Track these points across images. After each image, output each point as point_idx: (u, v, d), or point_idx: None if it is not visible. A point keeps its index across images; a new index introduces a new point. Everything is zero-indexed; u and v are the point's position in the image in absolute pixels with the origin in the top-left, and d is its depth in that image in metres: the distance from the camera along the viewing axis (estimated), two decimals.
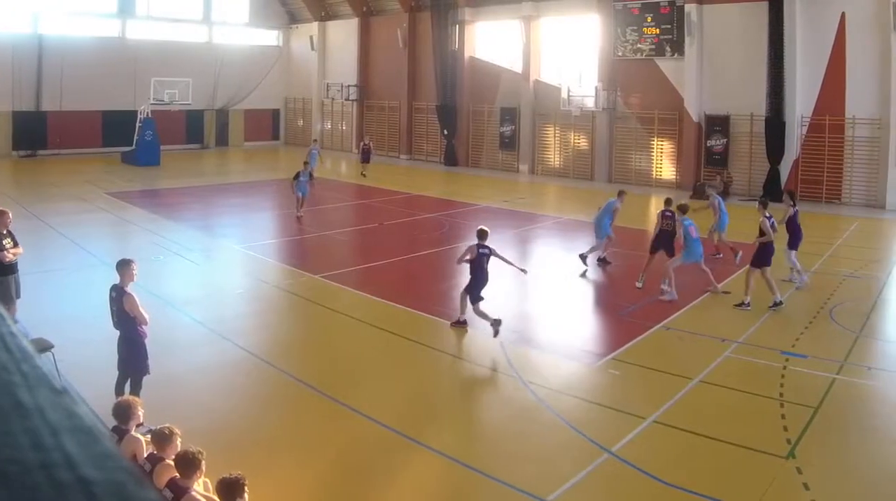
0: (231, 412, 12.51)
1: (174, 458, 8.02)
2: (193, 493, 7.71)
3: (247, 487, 7.58)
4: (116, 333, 12.02)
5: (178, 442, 8.37)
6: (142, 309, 11.74)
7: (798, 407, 12.72)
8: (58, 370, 10.56)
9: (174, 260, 23.70)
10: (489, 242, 17.08)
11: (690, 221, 20.02)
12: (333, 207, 35.93)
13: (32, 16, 52.79)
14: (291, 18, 67.52)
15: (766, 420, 12.33)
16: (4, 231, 14.90)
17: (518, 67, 50.64)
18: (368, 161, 45.41)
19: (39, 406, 1.15)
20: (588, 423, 12.23)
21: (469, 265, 16.89)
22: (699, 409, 12.88)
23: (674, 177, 43.33)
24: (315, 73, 64.75)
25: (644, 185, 43.13)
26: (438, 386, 14.41)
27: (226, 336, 16.19)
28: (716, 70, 41.32)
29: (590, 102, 45.38)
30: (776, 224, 19.57)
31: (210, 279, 22.29)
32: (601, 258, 23.97)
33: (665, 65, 43.42)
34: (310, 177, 31.08)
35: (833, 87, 37.33)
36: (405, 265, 24.47)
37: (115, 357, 11.99)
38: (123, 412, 9.05)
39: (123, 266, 11.86)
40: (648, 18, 43.71)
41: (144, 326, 11.89)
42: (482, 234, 17.23)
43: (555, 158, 49.77)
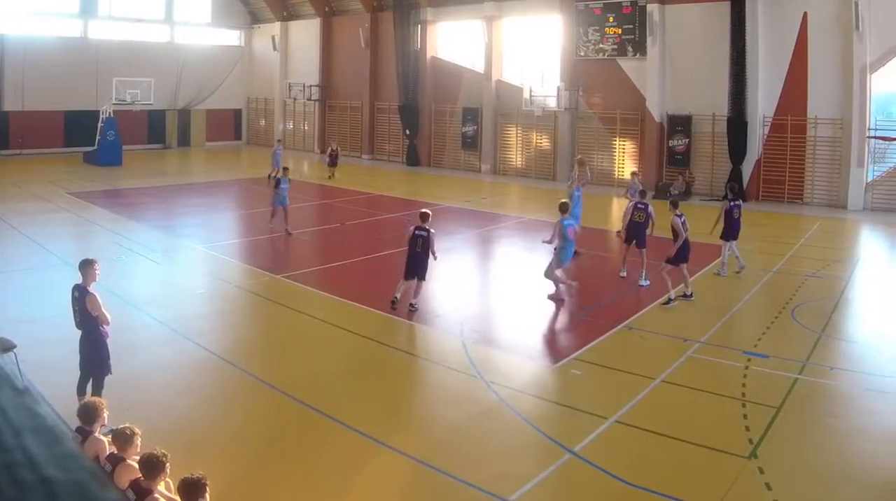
0: (192, 411, 12.40)
1: (139, 460, 7.88)
2: (157, 495, 7.64)
3: (208, 487, 7.48)
4: (79, 333, 11.90)
5: (139, 442, 8.31)
6: (104, 309, 11.69)
7: (760, 407, 12.59)
8: (20, 370, 10.21)
9: (136, 261, 23.30)
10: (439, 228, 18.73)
11: (571, 222, 19.50)
12: (295, 207, 33.66)
13: None
14: (253, 18, 66.30)
15: (728, 420, 12.21)
16: None
17: (480, 67, 49.68)
18: (335, 165, 43.91)
19: (1, 406, 1.38)
20: (550, 423, 12.14)
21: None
22: (661, 409, 12.72)
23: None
24: (277, 73, 63.57)
25: (606, 186, 42.25)
26: (400, 386, 14.15)
27: (187, 335, 15.98)
28: (678, 70, 40.57)
29: (552, 102, 44.53)
30: (687, 222, 19.37)
31: (172, 279, 21.90)
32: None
33: (627, 65, 42.60)
34: (277, 182, 27.53)
35: (795, 87, 36.72)
36: (367, 265, 24.04)
37: (78, 356, 11.88)
38: (89, 413, 8.88)
39: (86, 266, 11.80)
40: (610, 18, 42.86)
41: (106, 326, 11.80)
42: (423, 216, 18.26)
43: (517, 158, 48.82)
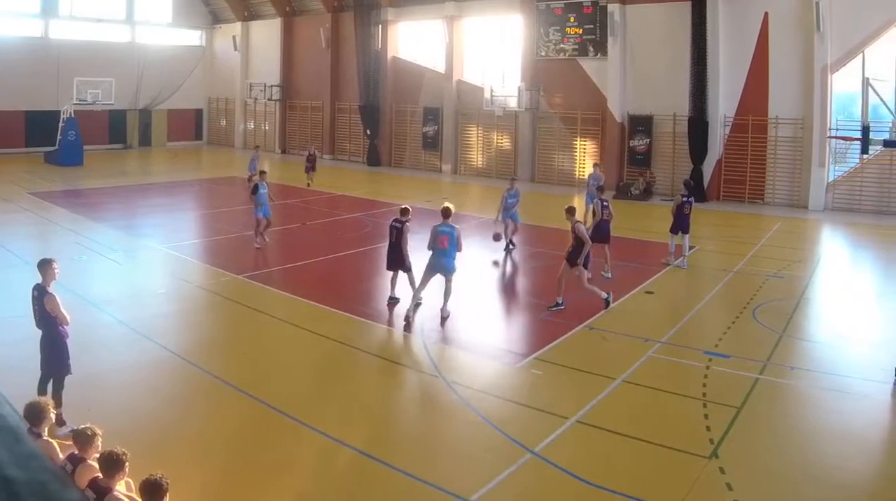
0: (153, 411, 12.06)
1: (98, 458, 7.70)
2: (116, 493, 7.44)
3: (168, 488, 7.26)
4: (39, 333, 11.60)
5: (99, 443, 7.96)
6: (63, 309, 11.39)
7: (721, 407, 12.38)
8: None
9: (97, 260, 22.68)
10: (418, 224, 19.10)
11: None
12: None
13: None
14: (214, 18, 64.62)
15: (690, 420, 12.01)
16: None
17: (441, 67, 48.52)
18: (314, 169, 40.28)
19: None
20: (511, 423, 11.84)
21: None
22: (622, 409, 12.50)
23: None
24: (238, 73, 61.87)
25: (567, 185, 41.72)
26: (362, 386, 13.77)
27: (148, 335, 15.61)
28: (639, 70, 39.70)
29: (513, 102, 43.54)
30: (586, 228, 18.99)
31: (132, 279, 21.36)
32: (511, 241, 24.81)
33: (588, 65, 41.66)
34: (254, 188, 24.59)
35: (756, 87, 36.03)
36: (328, 265, 23.42)
37: (38, 356, 11.54)
38: (35, 414, 8.41)
39: (45, 265, 11.58)
40: (571, 18, 41.91)
41: (66, 326, 11.51)
42: (403, 211, 18.63)
43: (478, 158, 47.79)
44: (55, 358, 11.39)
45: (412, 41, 51.28)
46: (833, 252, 28.03)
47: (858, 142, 26.15)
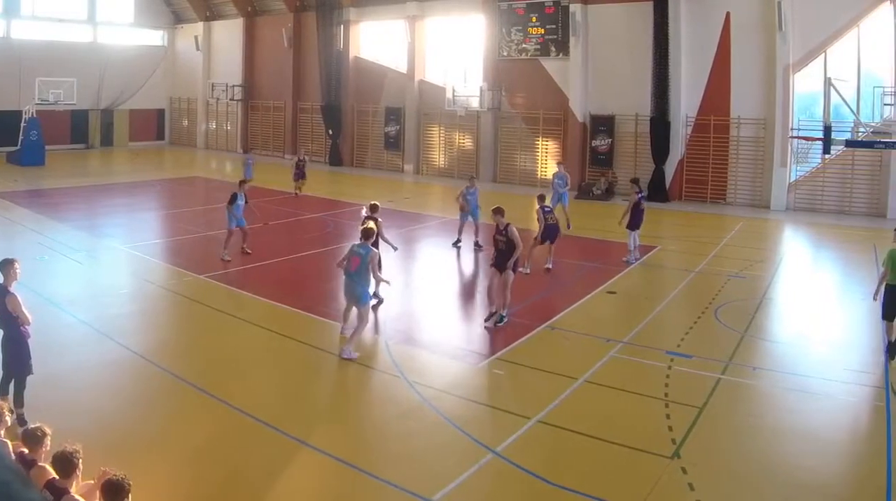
0: (115, 411, 11.79)
1: (52, 459, 7.43)
2: (73, 495, 7.20)
3: (131, 488, 6.96)
4: (0, 333, 11.43)
5: (48, 443, 7.78)
6: (24, 309, 11.23)
7: (683, 407, 12.16)
8: None
9: (58, 260, 22.07)
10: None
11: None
12: (218, 207, 32.23)
13: None
14: (176, 18, 63.02)
15: (651, 420, 11.79)
16: None
17: (403, 67, 47.34)
18: (304, 177, 36.33)
19: None
20: (472, 423, 11.64)
21: None
22: (584, 409, 12.26)
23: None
24: (200, 73, 60.46)
25: (529, 185, 40.62)
26: (323, 386, 13.61)
27: (110, 335, 15.26)
28: (601, 70, 38.81)
29: (475, 102, 42.56)
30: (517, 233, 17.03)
31: (94, 279, 20.79)
32: (476, 242, 24.65)
33: (550, 65, 40.66)
34: (233, 198, 22.79)
35: (718, 87, 35.33)
36: (289, 265, 22.81)
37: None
38: None
39: (6, 265, 11.40)
40: (533, 18, 40.88)
41: (27, 326, 11.33)
42: (372, 208, 18.78)
43: (440, 158, 46.66)
44: (16, 359, 11.21)
45: (374, 41, 50.10)
46: (795, 252, 27.48)
47: (820, 142, 25.85)
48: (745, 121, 34.88)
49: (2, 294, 11.08)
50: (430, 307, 18.96)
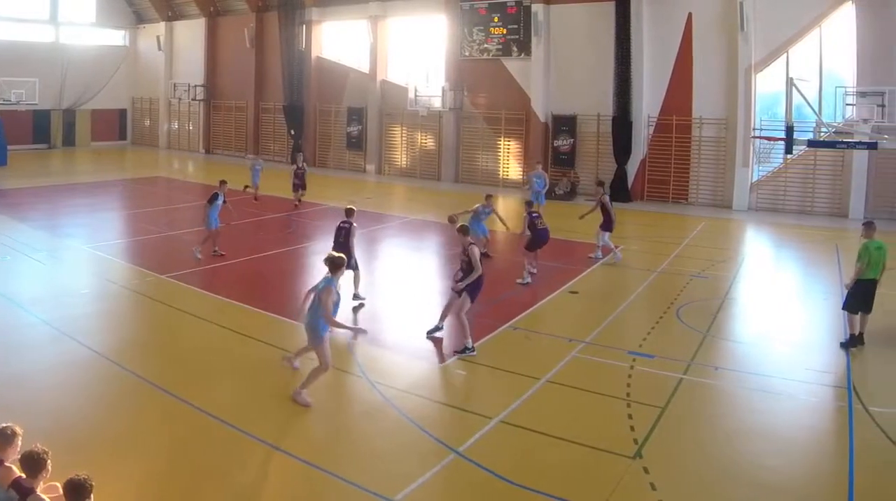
0: (77, 411, 11.54)
1: (20, 458, 7.42)
2: (39, 494, 7.22)
3: (93, 488, 6.95)
4: None
5: (20, 443, 7.62)
6: None
7: (645, 407, 11.97)
8: None
9: (20, 260, 21.67)
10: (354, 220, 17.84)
11: None
12: (180, 207, 32.85)
13: None
14: (138, 18, 61.16)
15: (614, 420, 11.62)
16: None
17: (365, 67, 45.93)
18: (304, 187, 32.95)
19: None
20: (435, 423, 11.46)
21: None
22: (546, 409, 12.05)
23: (521, 177, 39.24)
24: (162, 73, 58.69)
25: (491, 185, 39.47)
26: (285, 387, 12.75)
27: (72, 335, 14.94)
28: (563, 70, 37.81)
29: (437, 102, 41.46)
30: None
31: (56, 279, 20.29)
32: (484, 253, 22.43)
33: (512, 65, 39.61)
34: (213, 197, 22.16)
35: (680, 87, 34.49)
36: (251, 265, 22.18)
37: None
38: None
39: None
40: (495, 18, 39.78)
41: None
42: (348, 212, 18.04)
43: (402, 158, 45.34)
44: None
45: (336, 41, 48.68)
46: (757, 252, 26.88)
47: (782, 142, 25.40)
48: (707, 121, 34.08)
49: None
50: (393, 307, 18.50)
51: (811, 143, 25.70)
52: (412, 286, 20.83)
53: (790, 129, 23.64)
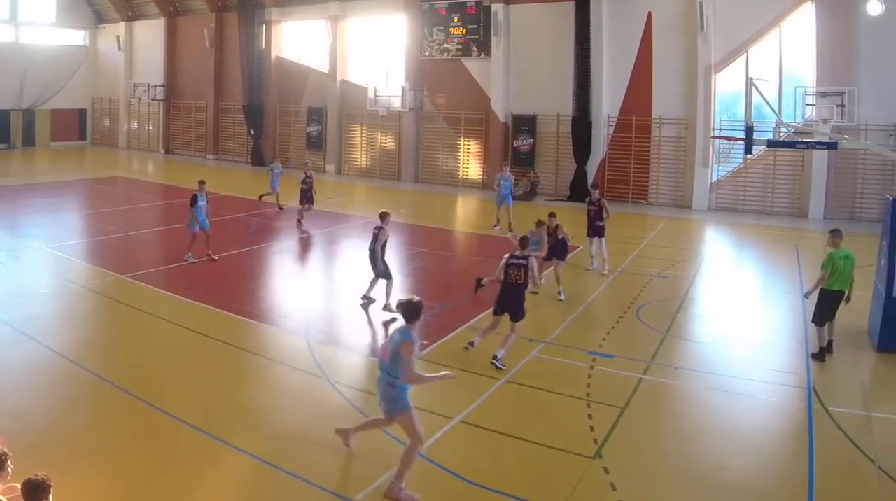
0: (36, 411, 11.22)
1: None
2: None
3: (52, 488, 6.41)
4: None
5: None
6: None
7: (605, 407, 11.71)
8: None
9: None
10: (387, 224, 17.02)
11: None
12: (141, 207, 32.10)
13: None
14: (98, 18, 58.80)
15: (573, 420, 11.36)
16: None
17: (325, 67, 44.39)
18: (312, 202, 28.07)
19: None
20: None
21: None
22: (506, 409, 11.79)
23: (480, 177, 38.46)
24: (122, 74, 56.38)
25: (451, 185, 38.75)
26: (246, 386, 12.70)
27: (31, 335, 14.54)
28: (523, 70, 36.60)
29: (397, 102, 40.17)
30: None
31: (16, 279, 19.70)
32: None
33: (472, 65, 38.30)
34: (194, 199, 21.28)
35: (640, 87, 33.42)
36: (211, 265, 21.21)
37: None
38: None
39: None
40: (455, 18, 38.42)
41: None
42: (381, 216, 17.20)
43: (362, 158, 43.80)
44: None
45: (296, 41, 47.15)
46: (716, 252, 26.25)
47: (742, 142, 24.88)
48: (667, 121, 33.06)
49: None
50: (354, 307, 17.79)
51: (771, 143, 25.19)
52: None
53: (750, 129, 22.94)
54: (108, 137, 59.29)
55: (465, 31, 38.70)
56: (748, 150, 24.91)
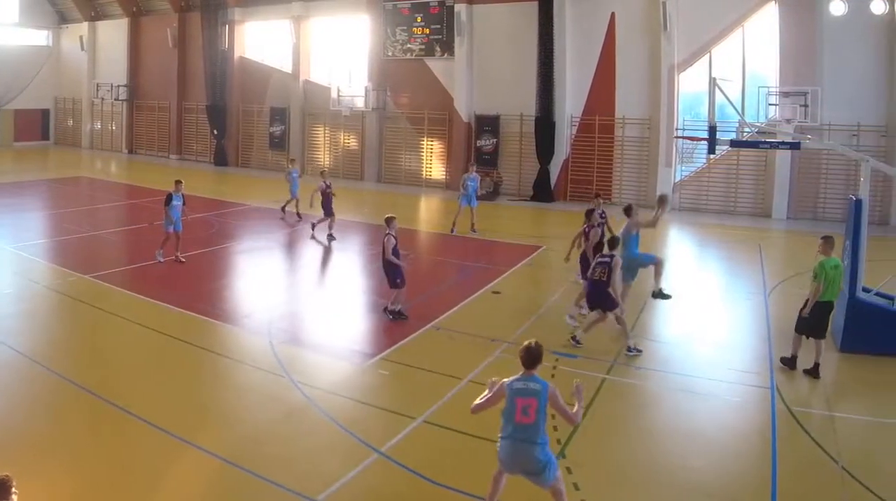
0: None
1: None
2: None
3: (15, 487, 6.38)
4: None
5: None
6: None
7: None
8: None
9: None
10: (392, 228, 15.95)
11: None
12: (104, 207, 31.28)
13: None
14: (61, 18, 56.71)
15: None
16: None
17: (288, 67, 42.84)
18: (333, 214, 24.88)
19: None
20: (357, 423, 10.92)
21: None
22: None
23: (444, 177, 37.23)
24: (85, 73, 54.37)
25: (414, 185, 37.56)
26: (208, 386, 12.43)
27: None
28: (486, 70, 35.35)
29: (360, 102, 38.67)
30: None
31: None
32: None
33: (435, 65, 36.99)
34: (168, 199, 20.63)
35: (603, 87, 32.26)
36: (174, 265, 20.70)
37: None
38: None
39: None
40: (418, 18, 37.10)
41: None
42: (387, 221, 15.99)
43: (325, 158, 42.23)
44: None
45: (259, 41, 45.47)
46: (679, 252, 25.56)
47: (705, 142, 24.28)
48: (630, 121, 31.93)
49: None
50: (316, 307, 17.85)
51: (734, 143, 24.26)
52: (333, 286, 20.17)
53: (713, 129, 22.06)
54: (72, 137, 57.23)
55: (429, 31, 37.37)
56: (711, 150, 24.07)
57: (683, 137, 29.71)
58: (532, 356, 7.84)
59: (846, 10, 27.44)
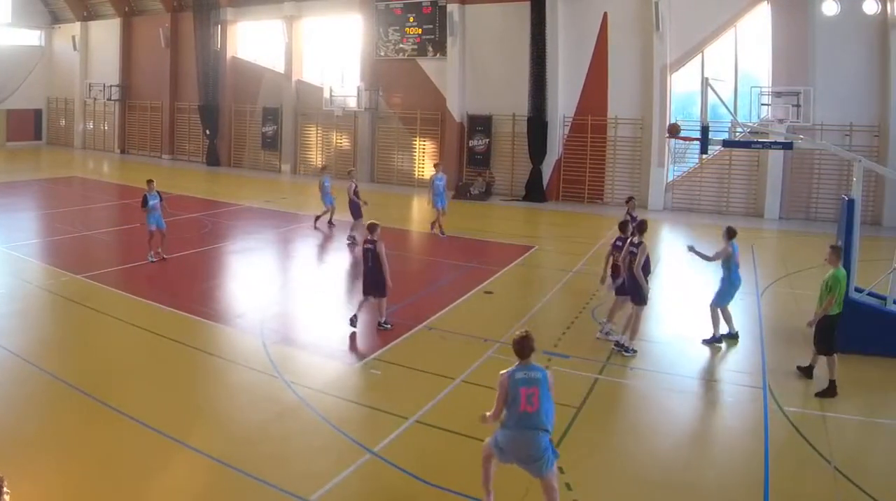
0: None
1: None
2: None
3: (7, 487, 6.35)
4: None
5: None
6: None
7: (561, 407, 9.97)
8: None
9: None
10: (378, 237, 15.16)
11: None
12: (96, 207, 31.10)
13: None
14: (54, 18, 56.40)
15: None
16: None
17: (280, 67, 42.66)
18: (361, 216, 23.69)
19: None
20: (350, 423, 10.89)
21: None
22: (461, 409, 11.27)
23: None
24: (77, 73, 54.02)
25: (406, 185, 37.44)
26: (201, 387, 12.41)
27: None
28: (478, 70, 35.18)
29: (352, 102, 38.57)
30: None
31: None
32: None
33: (427, 65, 36.82)
34: (144, 200, 20.73)
35: (595, 87, 32.14)
36: (167, 265, 20.75)
37: None
38: None
39: None
40: (411, 18, 36.91)
41: None
42: (370, 228, 15.14)
43: (317, 158, 41.96)
44: None
45: (251, 41, 45.21)
46: (672, 252, 25.35)
47: (697, 142, 24.24)
48: (623, 121, 31.79)
49: None
50: (308, 307, 17.70)
51: (726, 143, 24.03)
52: (326, 286, 19.97)
53: (705, 129, 22.04)
54: (64, 137, 56.96)
55: (421, 31, 37.18)
56: (704, 150, 23.99)
57: (676, 137, 29.67)
58: (526, 345, 7.94)
59: (838, 10, 27.41)
